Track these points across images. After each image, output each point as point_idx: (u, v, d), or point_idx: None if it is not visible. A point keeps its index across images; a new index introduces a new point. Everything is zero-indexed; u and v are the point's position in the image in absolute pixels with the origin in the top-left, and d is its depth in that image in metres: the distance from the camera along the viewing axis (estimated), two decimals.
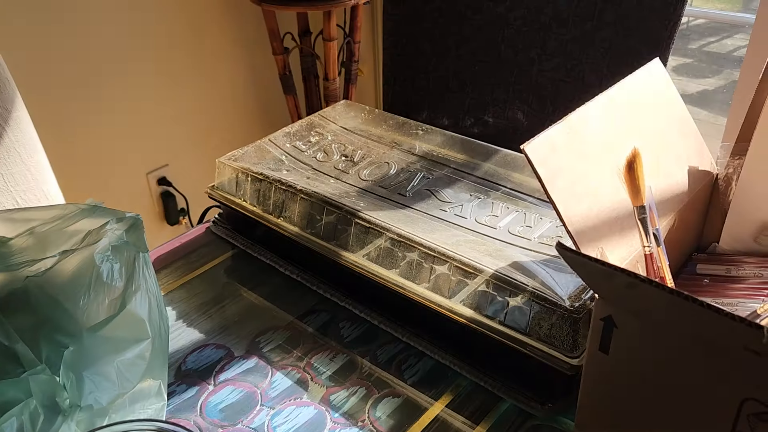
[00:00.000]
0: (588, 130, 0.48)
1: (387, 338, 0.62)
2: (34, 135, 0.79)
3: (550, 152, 0.45)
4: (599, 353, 0.44)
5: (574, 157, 0.47)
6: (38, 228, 0.47)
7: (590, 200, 0.46)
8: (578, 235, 0.44)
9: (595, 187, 0.47)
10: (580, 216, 0.45)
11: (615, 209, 0.47)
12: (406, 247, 0.59)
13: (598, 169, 0.48)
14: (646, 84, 0.55)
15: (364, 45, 1.84)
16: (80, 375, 0.38)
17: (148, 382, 0.43)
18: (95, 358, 0.39)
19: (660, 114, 0.55)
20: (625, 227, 0.47)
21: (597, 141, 0.49)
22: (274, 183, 0.69)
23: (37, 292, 0.42)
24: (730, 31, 3.82)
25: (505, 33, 1.01)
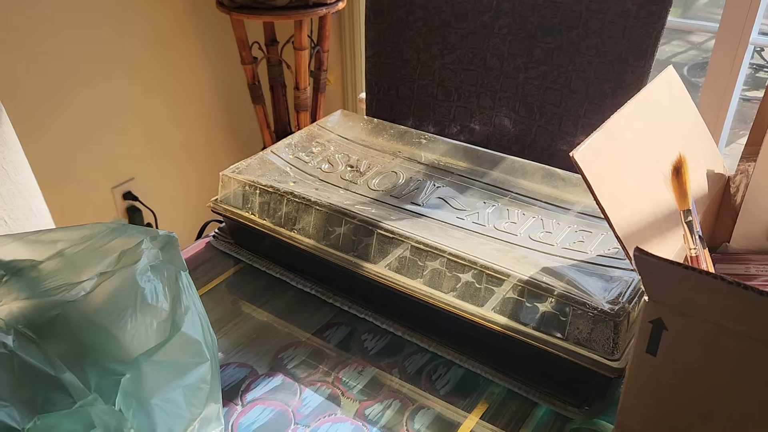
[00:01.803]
0: (623, 137, 0.49)
1: (412, 349, 0.61)
2: (20, 152, 0.76)
3: (596, 158, 0.46)
4: (646, 355, 0.45)
5: (614, 162, 0.47)
6: (68, 250, 0.45)
7: (632, 204, 0.47)
8: (626, 239, 0.45)
9: (635, 191, 0.48)
10: (625, 220, 0.45)
11: (653, 212, 0.48)
12: (430, 256, 0.59)
13: (635, 173, 0.49)
14: (665, 91, 0.56)
15: (331, 55, 1.83)
16: (148, 403, 0.37)
17: (210, 406, 0.41)
18: (158, 385, 0.37)
19: (679, 119, 0.57)
20: (664, 230, 0.48)
21: (631, 146, 0.50)
22: (285, 195, 0.68)
23: (78, 318, 0.40)
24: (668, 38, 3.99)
25: (491, 41, 1.03)
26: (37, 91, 1.43)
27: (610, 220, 0.44)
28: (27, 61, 1.39)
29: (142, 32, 1.59)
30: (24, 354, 0.39)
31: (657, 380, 0.46)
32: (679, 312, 0.42)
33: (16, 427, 0.37)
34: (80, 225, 0.47)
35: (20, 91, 1.40)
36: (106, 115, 1.58)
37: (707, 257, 0.47)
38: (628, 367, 0.47)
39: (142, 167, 1.70)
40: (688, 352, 0.43)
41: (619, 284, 0.53)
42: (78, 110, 1.52)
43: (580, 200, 0.65)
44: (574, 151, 0.44)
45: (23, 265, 0.43)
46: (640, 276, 0.42)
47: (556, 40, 0.98)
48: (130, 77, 1.60)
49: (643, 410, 0.48)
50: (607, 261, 0.56)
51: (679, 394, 0.45)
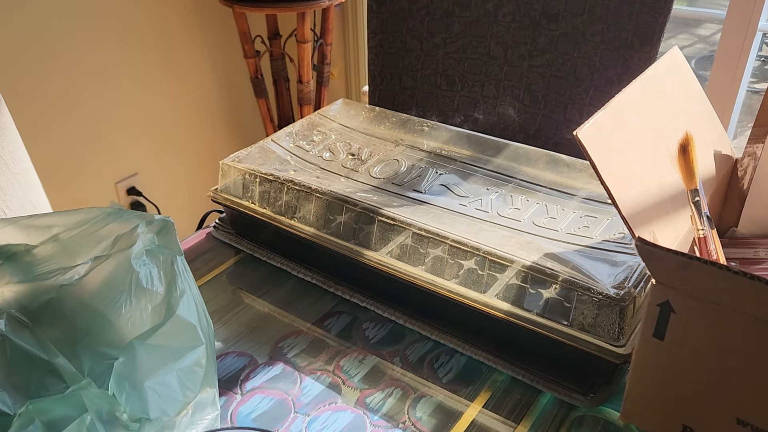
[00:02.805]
0: (628, 117, 0.48)
1: (414, 337, 0.60)
2: (19, 143, 0.75)
3: (600, 137, 0.45)
4: (653, 340, 0.44)
5: (619, 142, 0.46)
6: (62, 234, 0.44)
7: (638, 184, 0.46)
8: (631, 219, 0.44)
9: (641, 171, 0.47)
10: (631, 200, 0.44)
11: (660, 193, 0.47)
12: (432, 243, 0.58)
13: (641, 153, 0.48)
14: (670, 72, 0.55)
15: (334, 48, 1.82)
16: (141, 386, 0.36)
17: (205, 391, 0.40)
18: (152, 368, 0.37)
19: (684, 99, 0.56)
20: (670, 211, 0.47)
21: (637, 126, 0.49)
22: (285, 183, 0.67)
23: (72, 302, 0.40)
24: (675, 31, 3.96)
25: (494, 29, 1.01)
26: (41, 88, 1.43)
27: (615, 200, 0.43)
28: (30, 57, 1.39)
29: (145, 27, 1.58)
30: (16, 339, 0.38)
31: (664, 365, 0.45)
32: (687, 295, 0.41)
33: (8, 412, 0.36)
34: (75, 209, 0.46)
35: (24, 87, 1.40)
36: (110, 111, 1.57)
37: (716, 238, 0.46)
38: (634, 352, 0.46)
39: (145, 162, 1.70)
40: (697, 335, 0.42)
41: (624, 269, 0.51)
42: (81, 106, 1.51)
43: (584, 186, 0.64)
44: (578, 129, 0.43)
45: (17, 249, 0.42)
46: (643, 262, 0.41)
47: (561, 27, 0.97)
48: (133, 73, 1.60)
49: (650, 396, 0.47)
50: (612, 246, 0.55)
51: (687, 379, 0.44)
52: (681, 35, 3.92)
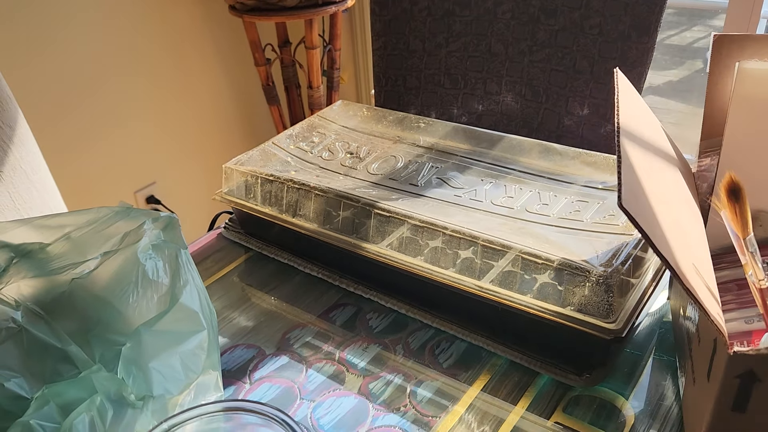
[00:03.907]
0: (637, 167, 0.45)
1: (416, 325, 0.62)
2: (37, 152, 0.79)
3: (636, 201, 0.40)
4: (732, 414, 0.39)
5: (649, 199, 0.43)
6: (74, 233, 0.47)
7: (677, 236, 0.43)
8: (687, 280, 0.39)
9: (674, 222, 0.44)
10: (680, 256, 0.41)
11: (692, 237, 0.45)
12: (428, 233, 0.60)
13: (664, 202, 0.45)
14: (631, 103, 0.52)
15: (344, 53, 1.85)
16: (146, 367, 0.38)
17: (208, 373, 0.43)
18: (157, 351, 0.39)
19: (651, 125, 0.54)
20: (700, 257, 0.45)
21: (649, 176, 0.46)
22: (286, 183, 0.69)
23: (83, 294, 0.42)
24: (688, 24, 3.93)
25: (495, 27, 1.03)
26: (60, 102, 1.48)
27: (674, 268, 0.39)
28: (48, 72, 1.44)
29: (159, 40, 1.63)
30: (33, 329, 0.41)
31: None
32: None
33: (26, 396, 0.39)
34: (86, 209, 0.49)
35: (43, 101, 1.45)
36: (127, 123, 1.62)
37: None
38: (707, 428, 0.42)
39: (163, 171, 1.74)
40: None
41: (612, 248, 0.53)
42: (99, 119, 1.56)
43: (576, 172, 0.65)
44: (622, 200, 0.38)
45: (32, 247, 0.45)
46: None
47: (559, 22, 0.98)
48: (148, 85, 1.64)
49: None
50: (602, 228, 0.56)
51: None
52: (696, 27, 3.89)
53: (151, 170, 1.72)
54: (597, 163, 0.67)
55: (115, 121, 1.59)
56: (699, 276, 0.42)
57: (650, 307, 0.61)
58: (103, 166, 1.61)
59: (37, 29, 1.40)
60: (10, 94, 0.75)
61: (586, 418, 0.51)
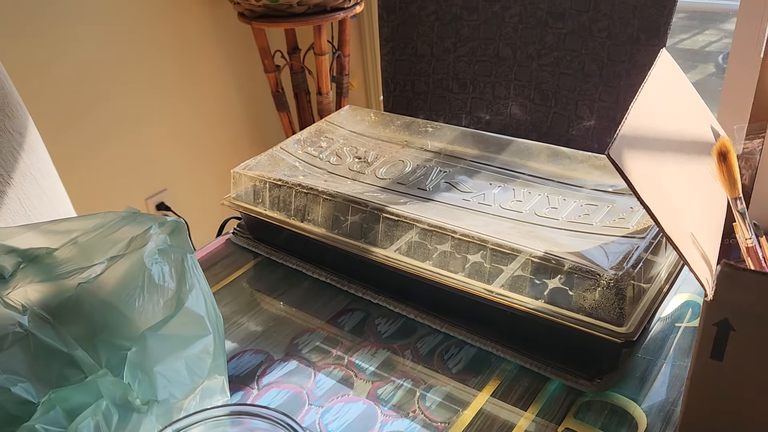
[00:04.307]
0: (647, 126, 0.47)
1: (425, 330, 0.62)
2: (47, 158, 0.79)
3: (630, 154, 0.43)
4: (710, 362, 0.41)
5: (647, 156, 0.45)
6: (81, 237, 0.47)
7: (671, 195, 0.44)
8: (673, 234, 0.41)
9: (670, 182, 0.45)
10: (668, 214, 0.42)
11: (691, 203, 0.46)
12: (437, 237, 0.60)
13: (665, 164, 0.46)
14: (666, 76, 0.54)
15: (353, 59, 1.86)
16: (151, 372, 0.38)
17: (214, 378, 0.42)
18: (162, 356, 0.39)
19: (687, 105, 0.55)
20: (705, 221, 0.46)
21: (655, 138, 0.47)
22: (294, 187, 0.69)
23: (89, 299, 0.42)
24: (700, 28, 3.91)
25: (503, 31, 1.03)
26: (71, 110, 1.49)
27: (657, 218, 0.41)
28: (58, 80, 1.45)
29: (168, 48, 1.64)
30: (39, 334, 0.41)
31: (724, 389, 0.42)
32: (749, 310, 0.39)
33: (32, 400, 0.39)
34: (93, 214, 0.49)
35: (54, 109, 1.46)
36: (137, 130, 1.63)
37: (764, 246, 0.45)
38: (688, 376, 0.44)
39: (173, 178, 1.75)
40: (761, 355, 0.40)
41: (623, 251, 0.52)
42: (110, 126, 1.57)
43: (585, 176, 0.65)
44: (609, 149, 0.41)
45: (39, 252, 0.45)
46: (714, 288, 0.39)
47: (568, 25, 0.98)
48: (158, 92, 1.65)
49: (709, 424, 0.45)
50: (612, 231, 0.56)
51: (749, 404, 0.42)
52: (708, 31, 3.87)
53: (162, 177, 1.72)
54: (606, 166, 0.66)
55: (125, 129, 1.60)
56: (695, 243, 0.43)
57: (662, 312, 0.60)
58: (114, 174, 1.61)
59: (48, 38, 1.41)
60: (21, 101, 0.76)
61: (597, 424, 0.51)
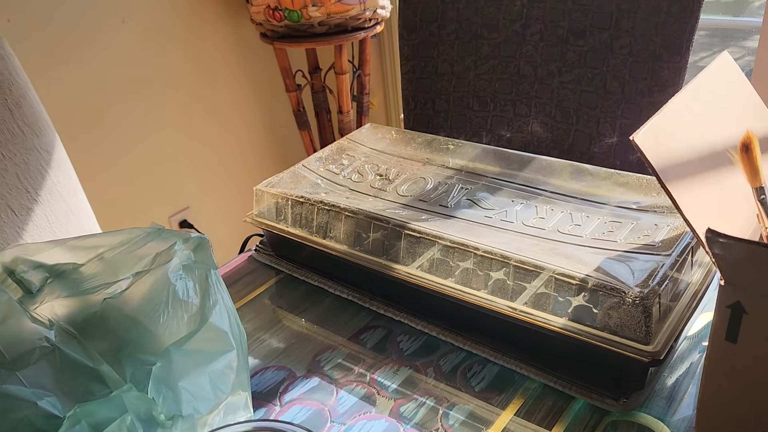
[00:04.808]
0: (682, 121, 0.48)
1: (448, 348, 0.61)
2: (74, 176, 0.81)
3: (657, 142, 0.44)
4: (726, 344, 0.42)
5: (676, 146, 0.46)
6: (107, 253, 0.47)
7: (698, 186, 0.45)
8: (695, 222, 0.43)
9: (701, 174, 0.46)
10: (693, 203, 0.44)
11: (721, 195, 0.46)
12: (459, 254, 0.60)
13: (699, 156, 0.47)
14: (721, 76, 0.54)
15: (373, 78, 1.87)
16: (176, 387, 0.38)
17: (237, 394, 0.43)
18: (186, 371, 0.39)
19: (739, 103, 0.55)
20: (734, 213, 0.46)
21: (692, 130, 0.48)
22: (316, 204, 0.70)
23: (115, 314, 0.43)
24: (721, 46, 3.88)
25: (523, 49, 1.03)
26: (95, 128, 1.52)
27: (677, 202, 0.43)
28: (84, 99, 1.48)
29: (192, 68, 1.67)
30: (65, 348, 0.41)
31: (739, 370, 0.43)
32: (759, 294, 0.40)
33: (58, 414, 0.39)
34: (119, 230, 0.50)
35: (78, 128, 1.49)
36: (161, 149, 1.65)
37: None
38: (705, 357, 0.45)
39: (196, 196, 1.77)
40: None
41: (648, 268, 0.52)
42: (135, 145, 1.60)
43: (608, 193, 0.64)
44: (635, 134, 0.43)
45: (65, 268, 0.46)
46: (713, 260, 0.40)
47: (589, 43, 0.98)
48: (182, 111, 1.68)
49: (725, 404, 0.45)
50: (637, 248, 0.55)
51: (763, 385, 0.42)
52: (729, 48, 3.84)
53: (185, 195, 1.74)
54: (629, 183, 0.66)
55: (149, 147, 1.63)
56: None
57: (689, 330, 0.59)
58: (137, 191, 1.64)
59: (77, 61, 1.44)
60: (49, 121, 0.78)
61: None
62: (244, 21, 1.73)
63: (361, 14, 1.53)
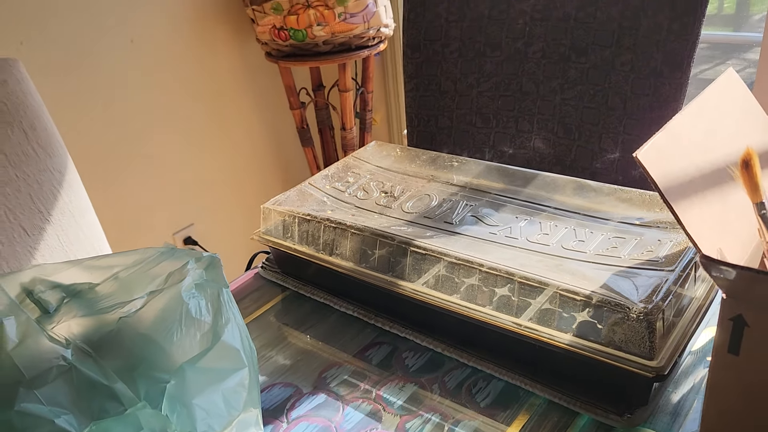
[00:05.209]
0: (687, 137, 0.49)
1: (453, 364, 0.62)
2: (84, 196, 0.82)
3: (660, 158, 0.45)
4: (728, 356, 0.43)
5: (680, 162, 0.47)
6: (121, 273, 0.49)
7: (701, 202, 0.46)
8: (697, 237, 0.44)
9: (703, 190, 0.47)
10: (695, 218, 0.45)
11: (724, 210, 0.47)
12: (464, 271, 0.61)
13: (702, 172, 0.48)
14: (726, 92, 0.55)
15: (376, 95, 1.89)
16: (190, 404, 0.39)
17: (249, 411, 0.43)
18: (200, 389, 0.40)
19: (745, 119, 0.56)
20: (737, 227, 0.47)
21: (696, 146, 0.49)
22: (322, 222, 0.71)
23: (130, 332, 0.44)
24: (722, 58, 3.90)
25: (525, 66, 1.05)
26: (101, 147, 1.53)
27: (680, 218, 0.43)
28: (94, 119, 1.50)
29: (198, 87, 1.69)
30: (82, 367, 0.42)
31: (742, 383, 0.44)
32: (760, 307, 0.41)
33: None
34: (133, 250, 0.51)
35: (85, 147, 1.50)
36: (166, 166, 1.67)
37: None
38: (709, 370, 0.45)
39: (201, 213, 1.78)
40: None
41: (652, 284, 0.52)
42: (139, 162, 1.61)
43: (611, 209, 0.65)
44: (638, 151, 0.44)
45: (81, 287, 0.47)
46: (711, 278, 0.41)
47: (590, 60, 0.99)
48: (187, 128, 1.70)
49: (729, 418, 0.46)
50: (641, 264, 0.56)
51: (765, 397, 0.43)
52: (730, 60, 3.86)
53: (189, 212, 1.76)
54: (632, 199, 0.67)
55: (154, 165, 1.65)
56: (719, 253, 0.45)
57: (693, 345, 0.60)
58: (142, 209, 1.65)
59: (86, 81, 1.46)
60: (61, 142, 0.79)
61: None
62: (250, 40, 1.76)
63: (365, 33, 1.55)
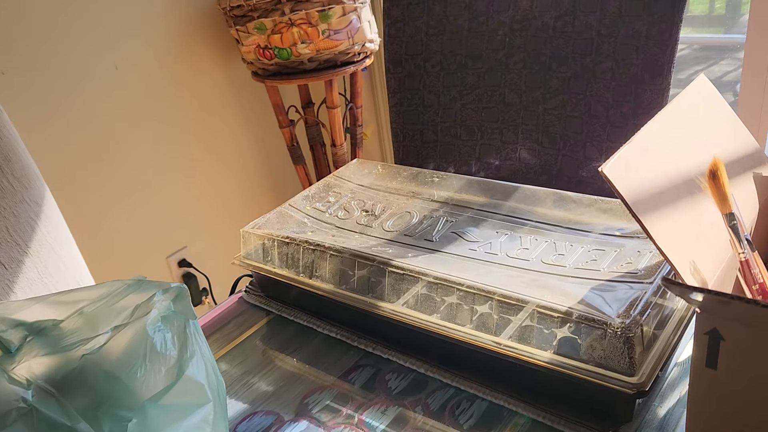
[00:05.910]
0: (656, 148, 0.48)
1: (436, 385, 0.61)
2: (64, 227, 0.81)
3: (627, 171, 0.44)
4: (706, 370, 0.42)
5: (649, 174, 0.46)
6: (87, 308, 0.48)
7: (673, 215, 0.45)
8: (669, 251, 0.43)
9: (675, 202, 0.46)
10: (667, 232, 0.44)
11: (697, 221, 0.46)
12: (443, 290, 0.60)
13: (673, 183, 0.47)
14: (698, 99, 0.55)
15: (365, 109, 1.89)
16: None
17: None
18: (161, 426, 0.39)
19: (716, 125, 0.55)
20: (711, 238, 0.46)
21: (666, 157, 0.48)
22: (301, 244, 0.70)
23: (93, 370, 0.43)
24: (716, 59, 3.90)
25: (507, 77, 1.04)
26: (88, 172, 1.53)
27: (650, 232, 0.43)
28: (76, 141, 1.50)
29: (186, 109, 1.69)
30: (43, 408, 0.41)
31: (723, 396, 0.43)
32: (735, 321, 0.40)
33: None
34: (100, 284, 0.50)
35: (71, 171, 1.50)
36: (156, 189, 1.67)
37: (758, 260, 0.45)
38: (689, 385, 0.45)
39: (193, 235, 1.77)
40: (753, 361, 0.41)
41: (630, 297, 0.51)
42: (129, 186, 1.61)
43: (592, 221, 0.64)
44: (603, 165, 0.43)
45: (45, 324, 0.46)
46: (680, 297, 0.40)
47: (571, 69, 0.98)
48: (176, 151, 1.69)
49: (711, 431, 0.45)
50: (619, 277, 0.55)
51: (746, 409, 0.42)
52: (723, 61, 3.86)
53: (182, 235, 1.75)
54: (613, 209, 0.66)
55: (144, 188, 1.64)
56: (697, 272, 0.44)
57: (679, 356, 0.59)
58: (134, 234, 1.64)
59: (71, 108, 1.46)
60: (38, 172, 0.78)
61: None
62: (236, 61, 1.76)
63: (350, 49, 1.55)
